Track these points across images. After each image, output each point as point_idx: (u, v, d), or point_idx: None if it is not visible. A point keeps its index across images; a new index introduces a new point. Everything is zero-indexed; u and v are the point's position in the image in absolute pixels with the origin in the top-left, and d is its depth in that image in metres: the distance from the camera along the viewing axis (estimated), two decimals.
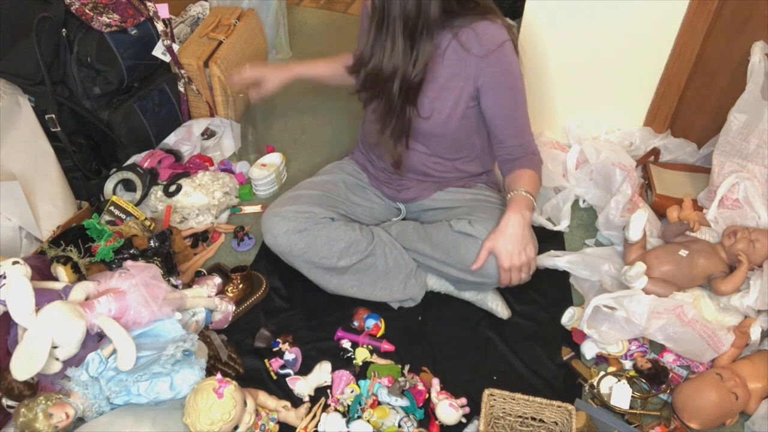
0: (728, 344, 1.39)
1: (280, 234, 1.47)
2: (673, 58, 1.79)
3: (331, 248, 1.46)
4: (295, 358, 1.42)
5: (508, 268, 1.37)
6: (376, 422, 1.27)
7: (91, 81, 1.69)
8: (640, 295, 1.40)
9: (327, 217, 1.49)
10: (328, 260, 1.47)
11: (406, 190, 1.60)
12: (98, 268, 1.42)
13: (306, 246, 1.46)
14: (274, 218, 1.48)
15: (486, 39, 1.32)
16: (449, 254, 1.45)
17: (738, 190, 1.63)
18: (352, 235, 1.48)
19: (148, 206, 1.76)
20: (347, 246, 1.47)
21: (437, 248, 1.47)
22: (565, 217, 1.79)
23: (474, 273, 1.42)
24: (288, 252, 1.49)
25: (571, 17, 1.76)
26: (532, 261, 1.39)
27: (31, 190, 1.55)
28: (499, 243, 1.36)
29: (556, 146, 1.96)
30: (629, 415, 1.34)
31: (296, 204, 1.50)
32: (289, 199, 1.54)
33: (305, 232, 1.46)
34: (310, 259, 1.48)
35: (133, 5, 1.77)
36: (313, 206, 1.49)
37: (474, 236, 1.41)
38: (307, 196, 1.53)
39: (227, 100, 2.05)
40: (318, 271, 1.51)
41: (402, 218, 1.67)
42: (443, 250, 1.46)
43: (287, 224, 1.46)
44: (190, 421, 1.10)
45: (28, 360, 1.10)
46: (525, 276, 1.41)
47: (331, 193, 1.57)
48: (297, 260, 1.50)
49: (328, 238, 1.46)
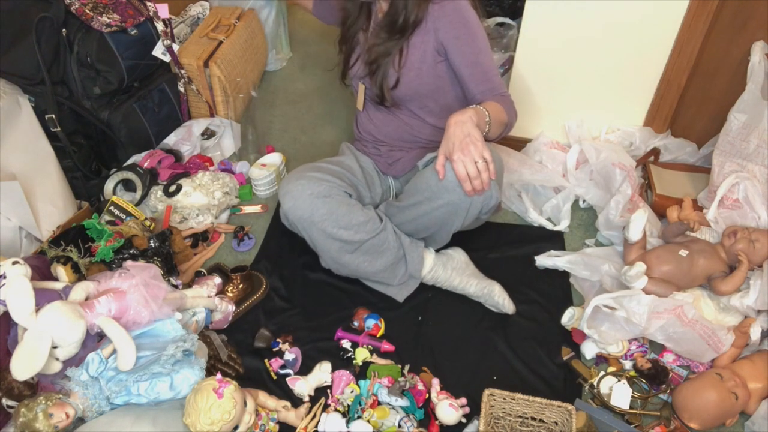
0: (728, 344, 1.39)
1: (304, 197, 1.45)
2: (673, 58, 1.79)
3: (350, 220, 1.46)
4: (295, 358, 1.42)
5: (460, 162, 1.28)
6: (376, 422, 1.27)
7: (91, 81, 1.69)
8: (640, 295, 1.40)
9: (346, 192, 1.51)
10: (346, 231, 1.46)
11: (396, 161, 1.64)
12: (98, 268, 1.42)
13: (327, 212, 1.45)
14: (299, 181, 1.47)
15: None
16: (418, 190, 1.43)
17: (738, 190, 1.63)
18: (368, 213, 1.50)
19: (148, 206, 1.76)
20: (365, 221, 1.48)
21: (410, 194, 1.47)
22: (565, 217, 1.79)
23: (443, 194, 1.37)
24: (308, 217, 1.46)
25: (571, 17, 1.76)
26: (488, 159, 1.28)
27: (31, 190, 1.55)
28: (448, 144, 1.29)
29: (556, 146, 1.96)
30: (629, 415, 1.34)
31: (319, 172, 1.51)
32: (311, 167, 1.54)
33: (328, 198, 1.46)
34: (328, 228, 1.46)
35: (133, 5, 1.77)
36: (335, 178, 1.51)
37: (436, 156, 1.37)
38: (328, 168, 1.55)
39: (227, 100, 2.05)
40: (333, 243, 1.49)
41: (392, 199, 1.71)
42: (414, 191, 1.45)
43: (312, 187, 1.45)
44: (190, 421, 1.10)
45: (28, 360, 1.10)
46: (485, 177, 1.29)
47: (348, 171, 1.60)
48: (314, 228, 1.47)
49: (349, 210, 1.47)
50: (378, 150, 1.66)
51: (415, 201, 1.45)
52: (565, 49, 1.83)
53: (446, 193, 1.37)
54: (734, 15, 1.69)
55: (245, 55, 2.14)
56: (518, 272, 1.66)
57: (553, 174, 1.87)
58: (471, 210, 1.41)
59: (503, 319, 1.54)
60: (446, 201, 1.39)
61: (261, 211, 1.85)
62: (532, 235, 1.78)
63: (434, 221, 1.47)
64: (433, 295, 1.60)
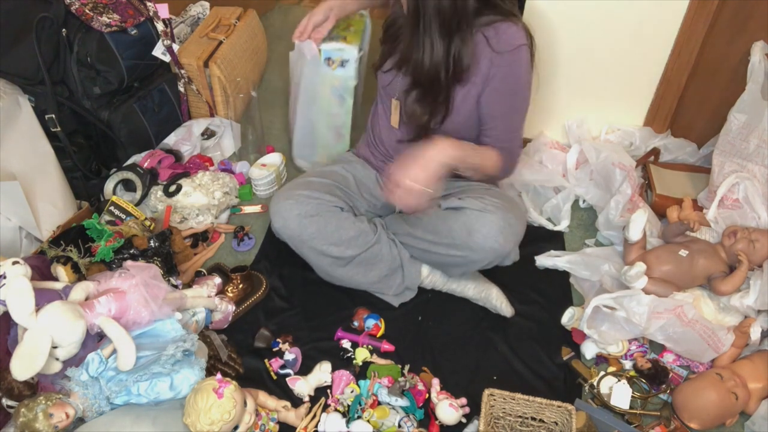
0: (728, 344, 1.39)
1: (291, 217, 1.45)
2: (673, 57, 1.79)
3: (340, 236, 1.46)
4: (295, 358, 1.42)
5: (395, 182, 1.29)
6: (376, 422, 1.27)
7: (91, 81, 1.69)
8: (640, 295, 1.40)
9: (337, 206, 1.49)
10: (337, 248, 1.47)
11: None
12: (98, 268, 1.42)
13: (316, 231, 1.45)
14: (286, 201, 1.47)
15: (504, 38, 1.32)
16: (438, 232, 1.44)
17: (738, 190, 1.63)
18: (360, 226, 1.49)
19: (148, 206, 1.76)
20: (356, 235, 1.47)
21: (427, 230, 1.47)
22: (565, 217, 1.79)
23: (465, 250, 1.39)
24: (297, 236, 1.47)
25: (571, 17, 1.76)
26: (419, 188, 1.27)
27: (31, 190, 1.55)
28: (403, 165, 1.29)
29: (556, 146, 1.96)
30: (629, 415, 1.34)
31: (308, 189, 1.49)
32: (300, 184, 1.52)
33: (316, 217, 1.45)
34: (318, 246, 1.47)
35: (133, 5, 1.77)
36: (324, 194, 1.49)
37: (463, 207, 1.40)
38: (317, 183, 1.53)
39: (227, 100, 2.05)
40: (324, 259, 1.50)
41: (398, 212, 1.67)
42: (432, 230, 1.45)
43: (300, 208, 1.45)
44: (190, 421, 1.10)
45: (28, 360, 1.10)
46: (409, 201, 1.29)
47: (340, 183, 1.57)
48: (305, 246, 1.49)
49: (338, 226, 1.46)
50: (387, 165, 1.59)
51: (432, 240, 1.46)
52: (565, 48, 1.83)
53: (468, 250, 1.40)
54: (734, 15, 1.69)
55: (245, 55, 2.14)
56: (518, 272, 1.65)
57: (553, 174, 1.87)
58: (486, 266, 1.45)
59: (503, 319, 1.54)
60: (465, 255, 1.42)
61: (261, 211, 1.85)
62: (532, 235, 1.77)
63: (444, 262, 1.50)
64: (433, 295, 1.60)
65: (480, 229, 1.37)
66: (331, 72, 1.57)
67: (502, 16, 1.32)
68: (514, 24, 1.32)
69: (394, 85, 1.48)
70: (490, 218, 1.37)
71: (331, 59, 1.52)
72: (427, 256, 1.52)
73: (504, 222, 1.37)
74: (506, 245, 1.38)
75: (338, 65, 1.52)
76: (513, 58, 1.32)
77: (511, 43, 1.31)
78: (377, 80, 1.54)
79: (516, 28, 1.32)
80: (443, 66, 1.30)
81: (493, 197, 1.43)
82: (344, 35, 1.57)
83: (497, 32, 1.31)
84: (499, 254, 1.40)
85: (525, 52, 1.33)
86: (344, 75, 1.58)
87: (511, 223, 1.38)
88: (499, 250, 1.38)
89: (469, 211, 1.39)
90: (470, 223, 1.38)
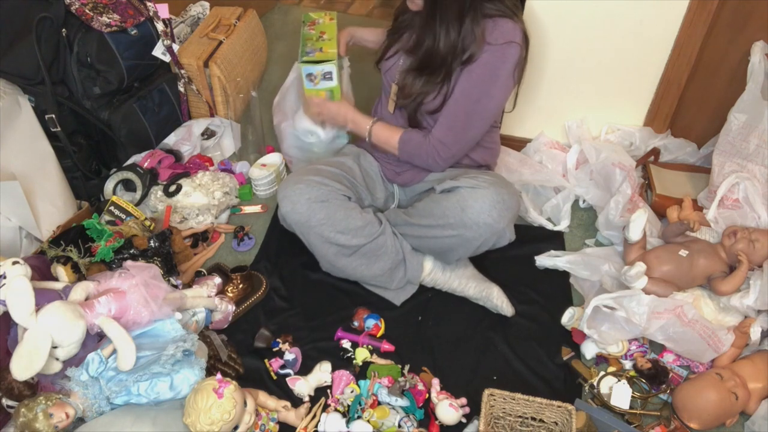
0: (728, 344, 1.39)
1: (302, 201, 1.45)
2: (673, 57, 1.79)
3: (348, 224, 1.46)
4: (295, 358, 1.42)
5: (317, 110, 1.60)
6: (376, 422, 1.27)
7: (91, 81, 1.69)
8: (640, 295, 1.40)
9: (345, 195, 1.50)
10: (344, 236, 1.46)
11: (404, 171, 1.62)
12: (98, 268, 1.42)
13: (325, 217, 1.45)
14: (296, 185, 1.46)
15: (499, 31, 1.35)
16: (433, 215, 1.45)
17: (738, 190, 1.63)
18: (367, 217, 1.49)
19: (148, 206, 1.76)
20: (363, 225, 1.47)
21: (423, 215, 1.48)
22: (565, 217, 1.79)
23: (459, 227, 1.41)
24: (305, 221, 1.46)
25: (571, 17, 1.76)
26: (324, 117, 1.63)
27: (31, 190, 1.55)
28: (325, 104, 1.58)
29: (556, 146, 1.96)
30: (629, 415, 1.34)
31: (318, 176, 1.49)
32: (310, 170, 1.52)
33: (326, 203, 1.45)
34: (325, 233, 1.46)
35: (133, 5, 1.77)
36: (334, 181, 1.50)
37: (457, 187, 1.41)
38: (327, 171, 1.53)
39: (227, 100, 2.05)
40: (330, 248, 1.50)
41: (396, 206, 1.69)
42: (428, 214, 1.47)
43: (310, 192, 1.45)
44: (190, 421, 1.10)
45: (28, 360, 1.10)
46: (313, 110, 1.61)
47: (347, 173, 1.58)
48: (311, 232, 1.48)
49: (346, 215, 1.46)
50: (387, 156, 1.63)
51: (427, 223, 1.47)
52: (565, 48, 1.83)
53: (463, 227, 1.41)
54: (734, 15, 1.69)
55: (245, 55, 2.14)
56: (518, 272, 1.66)
57: (553, 174, 1.87)
58: (481, 246, 1.45)
59: (503, 319, 1.54)
60: (460, 233, 1.42)
61: (261, 211, 1.85)
62: (532, 235, 1.78)
63: (441, 246, 1.49)
64: (434, 295, 1.60)
65: (473, 204, 1.38)
66: (315, 89, 1.61)
67: (504, 12, 1.36)
68: (513, 22, 1.36)
69: (393, 69, 1.52)
70: (483, 193, 1.38)
71: (313, 74, 1.55)
72: (425, 243, 1.52)
73: (497, 196, 1.38)
74: (500, 221, 1.39)
75: (321, 79, 1.55)
76: (500, 50, 1.36)
77: (504, 37, 1.35)
78: (381, 72, 1.57)
79: (513, 26, 1.36)
80: (454, 48, 1.36)
81: (486, 175, 1.45)
82: (320, 46, 1.59)
83: (495, 25, 1.36)
84: (494, 230, 1.40)
85: (514, 49, 1.36)
86: (330, 86, 1.61)
87: (504, 198, 1.39)
88: (493, 225, 1.39)
89: (462, 189, 1.41)
90: (463, 201, 1.39)
